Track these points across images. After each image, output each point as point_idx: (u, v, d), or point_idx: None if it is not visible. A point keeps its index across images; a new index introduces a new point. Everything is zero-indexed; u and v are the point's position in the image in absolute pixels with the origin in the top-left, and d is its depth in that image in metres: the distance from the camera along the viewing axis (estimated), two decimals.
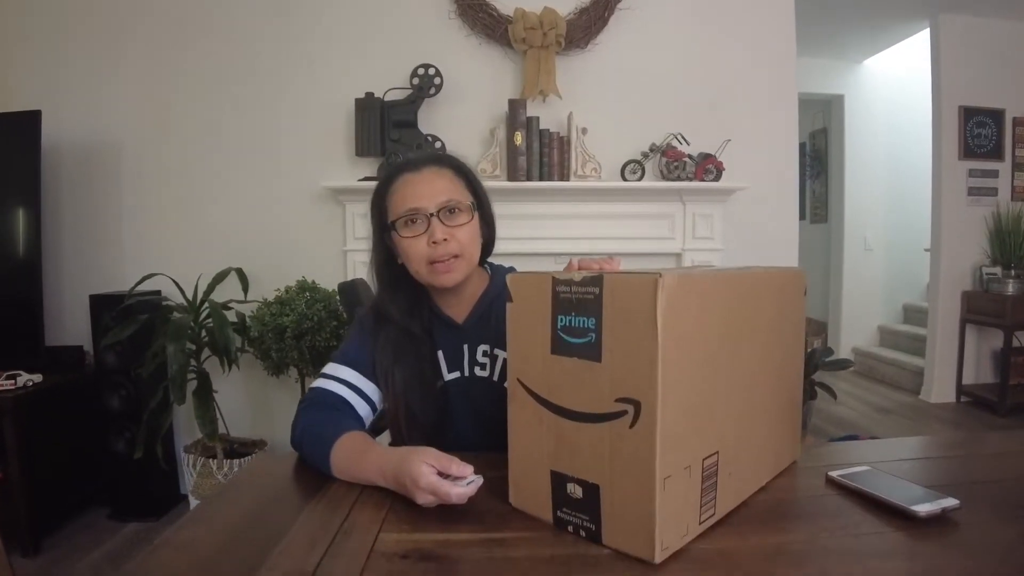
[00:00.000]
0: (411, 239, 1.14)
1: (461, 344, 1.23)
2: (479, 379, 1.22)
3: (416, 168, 1.18)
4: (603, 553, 0.71)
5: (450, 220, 1.14)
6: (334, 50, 2.88)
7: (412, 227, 1.14)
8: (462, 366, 1.23)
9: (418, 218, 1.13)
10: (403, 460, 0.87)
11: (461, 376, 1.23)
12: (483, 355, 1.22)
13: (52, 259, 2.84)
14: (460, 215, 1.16)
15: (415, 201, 1.14)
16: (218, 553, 0.75)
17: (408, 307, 1.22)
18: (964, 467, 1.03)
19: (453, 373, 1.23)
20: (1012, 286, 4.09)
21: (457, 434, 1.20)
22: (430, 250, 1.13)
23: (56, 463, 2.59)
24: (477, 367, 1.23)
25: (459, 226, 1.15)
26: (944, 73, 4.30)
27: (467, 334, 1.23)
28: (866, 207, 5.48)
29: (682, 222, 2.89)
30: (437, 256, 1.13)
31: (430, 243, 1.12)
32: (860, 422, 4.08)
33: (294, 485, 0.98)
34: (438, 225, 1.13)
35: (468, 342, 1.23)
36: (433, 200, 1.13)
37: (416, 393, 1.16)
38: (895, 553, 0.71)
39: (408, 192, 1.15)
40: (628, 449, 0.68)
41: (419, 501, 0.83)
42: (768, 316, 0.87)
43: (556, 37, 2.77)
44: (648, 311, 0.64)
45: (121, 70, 2.88)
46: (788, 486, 0.92)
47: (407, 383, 1.17)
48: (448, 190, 1.16)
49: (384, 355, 1.18)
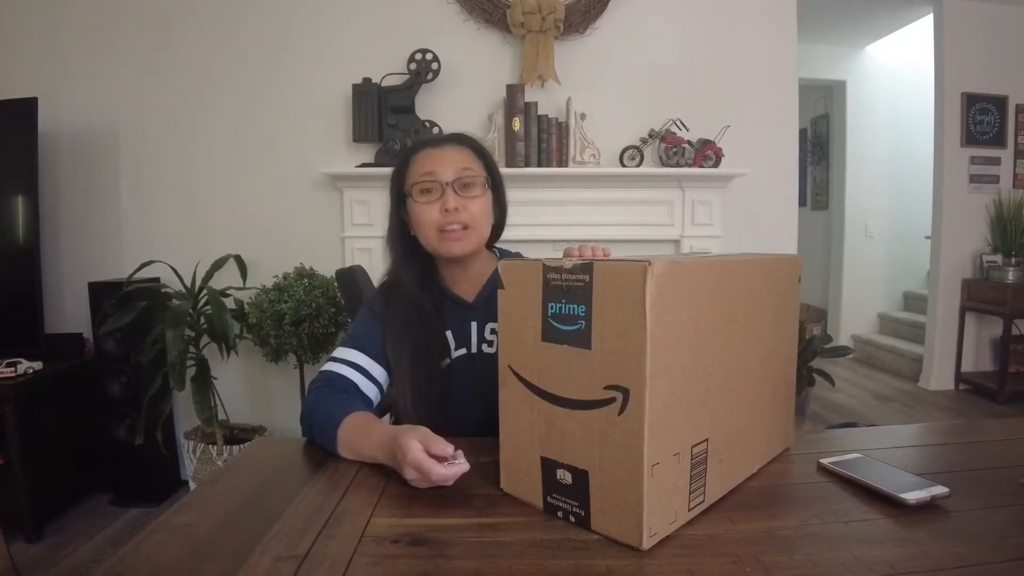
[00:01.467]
0: (424, 204, 1.17)
1: (470, 322, 1.25)
2: (486, 355, 1.24)
3: (437, 144, 1.23)
4: (592, 538, 0.72)
5: (464, 192, 1.18)
6: (332, 36, 2.87)
7: (427, 195, 1.17)
8: (469, 343, 1.25)
9: (433, 186, 1.17)
10: (398, 434, 0.88)
11: (468, 352, 1.25)
12: (491, 332, 1.25)
13: (51, 247, 2.84)
14: (474, 188, 1.19)
15: (432, 168, 1.18)
16: (212, 537, 0.75)
17: (419, 280, 1.24)
18: (956, 455, 1.03)
19: (460, 350, 1.25)
20: (1012, 274, 4.08)
21: (461, 412, 1.21)
22: (441, 217, 1.16)
23: (57, 450, 2.60)
24: (485, 344, 1.25)
25: (472, 198, 1.18)
26: (947, 59, 4.26)
27: (476, 312, 1.25)
28: (867, 194, 5.47)
29: (681, 208, 2.89)
30: (447, 223, 1.16)
31: (443, 211, 1.16)
32: (859, 409, 4.09)
33: (289, 470, 0.99)
34: (452, 194, 1.16)
35: (477, 320, 1.25)
36: (450, 169, 1.17)
37: (422, 369, 1.18)
38: (883, 540, 0.71)
39: (427, 162, 1.19)
40: (617, 436, 0.68)
41: (406, 476, 0.85)
42: (761, 303, 0.87)
43: (555, 22, 2.76)
44: (637, 299, 0.64)
45: (118, 57, 2.87)
46: (780, 472, 0.92)
47: (414, 359, 1.18)
48: (466, 163, 1.20)
49: (393, 331, 1.19)
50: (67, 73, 2.86)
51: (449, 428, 1.00)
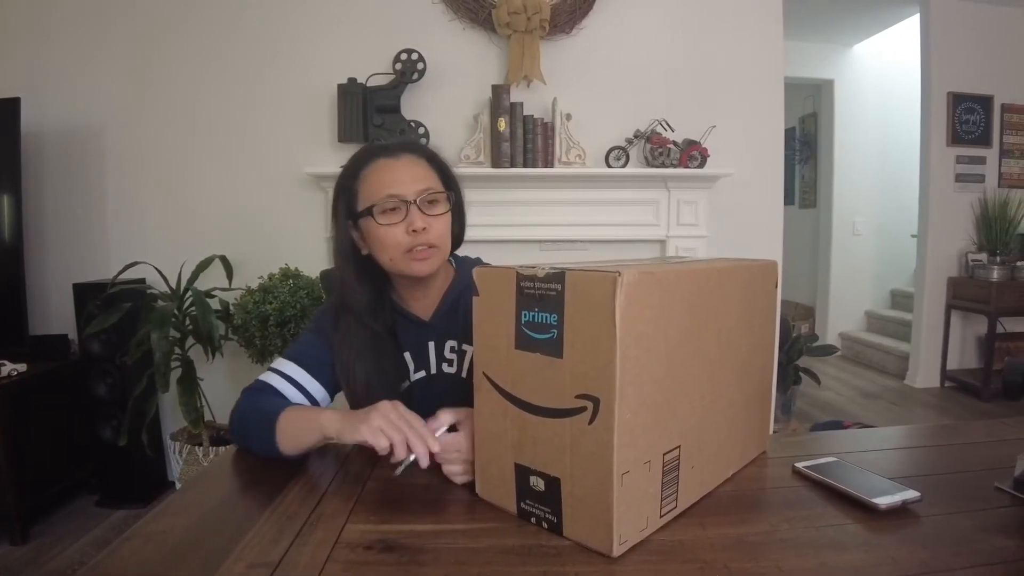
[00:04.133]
0: (388, 227, 1.09)
1: (427, 342, 1.20)
2: (445, 375, 1.20)
3: (393, 154, 1.14)
4: (564, 544, 0.72)
5: (429, 209, 1.11)
6: (316, 35, 2.86)
7: (391, 215, 1.09)
8: (428, 364, 1.21)
9: (397, 205, 1.09)
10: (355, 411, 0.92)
11: (427, 375, 1.21)
12: (451, 351, 1.20)
13: (35, 248, 2.83)
14: (438, 205, 1.13)
15: (395, 187, 1.09)
16: (186, 543, 0.75)
17: (370, 304, 1.17)
18: (932, 458, 1.04)
19: (419, 373, 1.21)
20: (997, 272, 4.12)
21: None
22: (409, 238, 1.09)
23: (43, 451, 2.59)
24: (444, 363, 1.20)
25: (436, 216, 1.12)
26: (934, 59, 4.30)
27: (434, 331, 1.20)
28: (855, 192, 5.50)
29: (667, 208, 2.89)
30: (415, 244, 1.09)
31: (409, 231, 1.09)
32: (846, 407, 4.11)
33: (266, 476, 0.98)
34: (417, 213, 1.09)
35: (435, 339, 1.20)
36: (412, 187, 1.10)
37: (377, 396, 1.05)
38: (851, 545, 0.72)
39: (387, 178, 1.11)
40: (587, 444, 0.68)
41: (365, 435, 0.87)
42: (735, 310, 0.87)
43: (540, 22, 2.75)
44: (607, 309, 0.65)
45: (102, 56, 2.84)
46: (754, 477, 0.93)
47: (368, 383, 1.13)
48: (426, 178, 1.13)
49: (346, 356, 1.14)
50: (52, 72, 2.84)
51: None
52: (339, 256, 1.18)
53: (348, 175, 1.16)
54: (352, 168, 1.16)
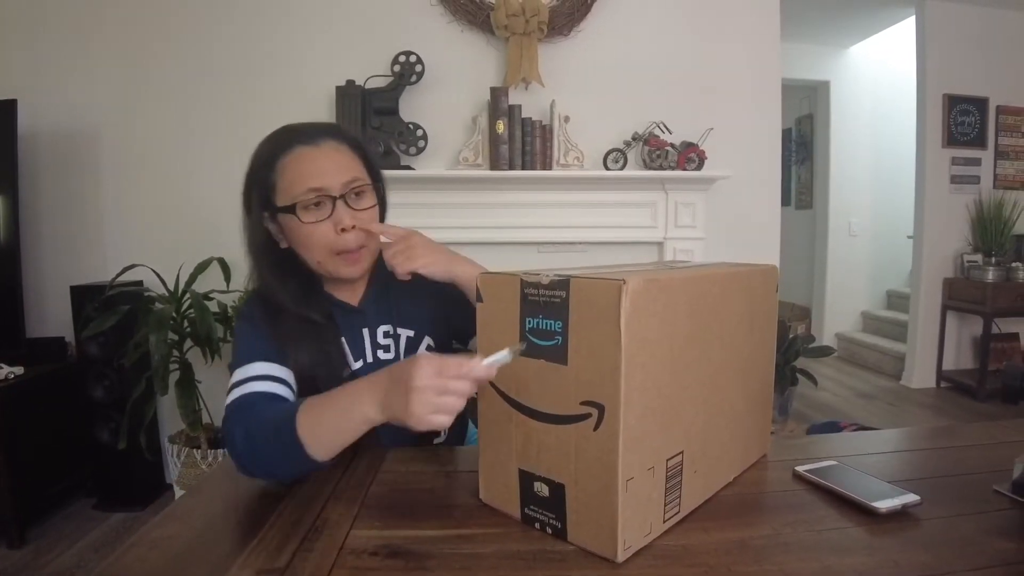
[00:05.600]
0: (313, 225, 1.00)
1: (360, 328, 1.13)
2: (384, 363, 1.13)
3: (312, 140, 1.03)
4: (568, 550, 0.72)
5: (356, 203, 1.03)
6: (314, 37, 2.86)
7: (315, 211, 1.00)
8: (365, 353, 1.14)
9: (322, 200, 1.00)
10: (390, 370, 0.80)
11: (365, 364, 1.13)
12: (384, 336, 1.14)
13: (31, 250, 2.82)
14: (365, 198, 1.05)
15: (318, 180, 0.99)
16: (192, 550, 0.76)
17: (302, 293, 1.07)
18: (931, 461, 1.05)
19: (358, 362, 1.13)
20: (992, 273, 4.15)
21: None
22: (337, 239, 1.01)
23: (40, 454, 2.58)
24: (380, 350, 1.14)
25: (365, 210, 1.04)
26: (929, 61, 4.32)
27: (365, 317, 1.14)
28: (851, 193, 5.52)
29: (664, 210, 2.90)
30: (345, 246, 1.02)
31: (337, 230, 1.00)
32: (842, 407, 4.13)
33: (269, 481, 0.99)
34: (344, 210, 1.01)
35: (367, 325, 1.13)
36: (337, 179, 1.01)
37: (325, 383, 1.00)
38: (853, 549, 0.72)
39: (307, 169, 1.00)
40: (592, 451, 0.69)
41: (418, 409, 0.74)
42: (737, 314, 0.88)
43: (538, 24, 2.76)
44: (612, 316, 0.65)
45: (99, 58, 2.84)
46: (755, 481, 0.94)
47: (313, 372, 1.04)
48: (351, 168, 1.04)
49: (281, 343, 1.03)
50: (48, 74, 2.83)
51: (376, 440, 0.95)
52: (254, 253, 1.07)
53: (262, 163, 1.04)
54: (266, 156, 1.04)
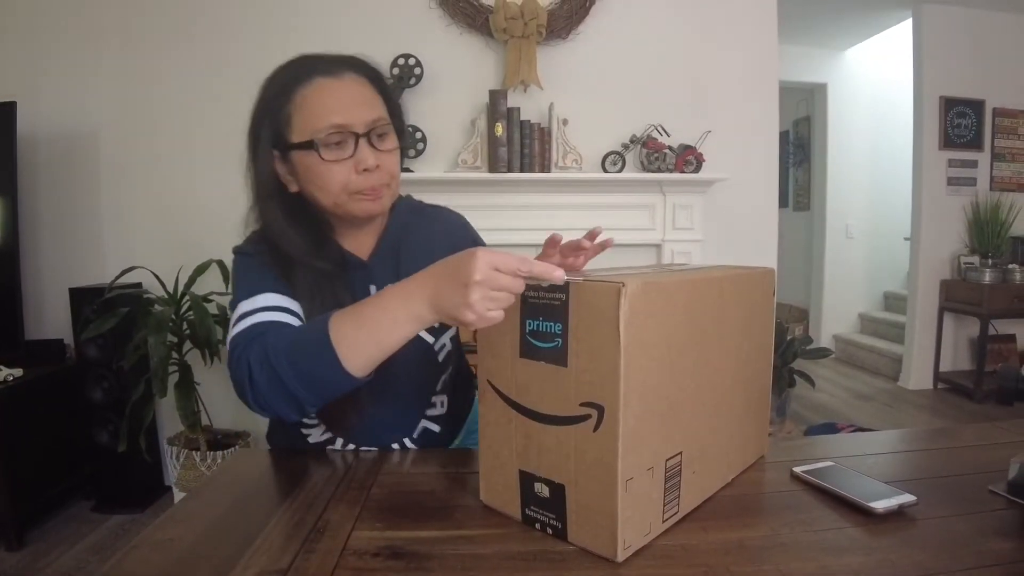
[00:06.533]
0: (334, 164, 0.93)
1: (367, 284, 1.06)
2: None
3: (333, 72, 0.95)
4: (569, 550, 0.73)
5: (379, 144, 0.96)
6: (313, 40, 2.80)
7: (336, 149, 0.93)
8: None
9: (344, 139, 0.93)
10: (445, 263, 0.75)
11: None
12: None
13: (30, 252, 2.82)
14: (388, 139, 0.98)
15: (341, 115, 0.92)
16: (195, 552, 0.76)
17: (314, 242, 1.00)
18: (927, 461, 1.05)
19: None
20: (989, 275, 4.16)
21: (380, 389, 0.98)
22: (358, 179, 0.94)
23: (39, 456, 2.58)
24: None
25: (388, 152, 0.97)
26: (926, 63, 4.34)
27: (373, 272, 1.06)
28: (848, 195, 5.54)
29: (662, 213, 2.92)
30: (367, 186, 0.95)
31: (359, 170, 0.94)
32: (840, 408, 4.14)
33: (271, 481, 0.99)
34: (368, 150, 0.94)
35: (374, 281, 1.06)
36: (361, 116, 0.93)
37: None
38: (850, 549, 0.73)
39: (329, 103, 0.93)
40: (592, 452, 0.69)
41: (475, 298, 0.70)
42: (734, 317, 0.88)
43: (537, 27, 2.77)
44: (611, 319, 0.66)
45: (98, 60, 2.84)
46: (753, 481, 0.94)
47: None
48: (374, 105, 0.97)
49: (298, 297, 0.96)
50: (47, 76, 2.83)
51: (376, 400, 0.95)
52: (262, 197, 0.99)
53: (276, 95, 0.96)
54: (283, 85, 0.96)
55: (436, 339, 1.12)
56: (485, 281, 0.70)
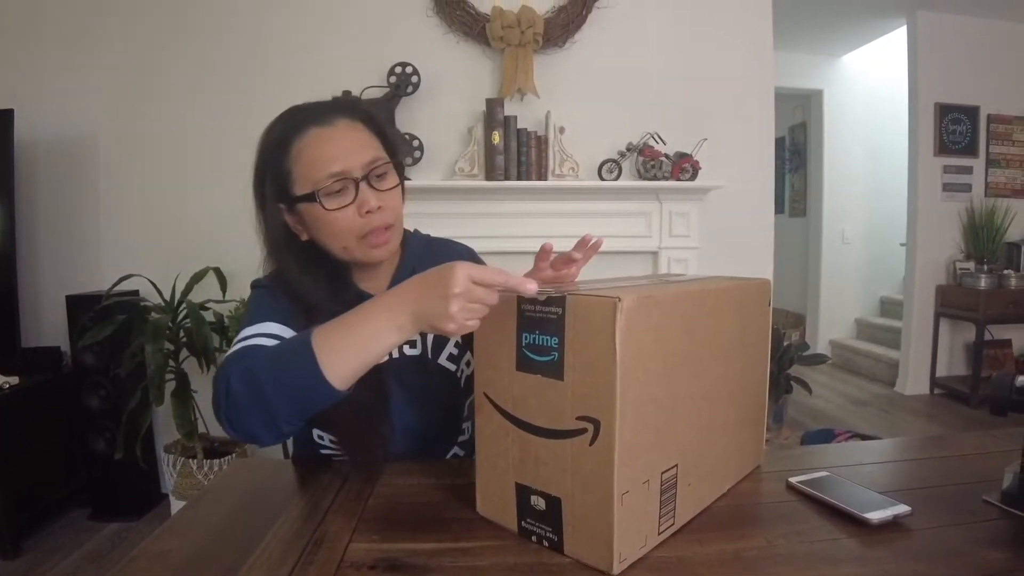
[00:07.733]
0: (338, 212, 0.95)
1: None
2: (409, 358, 1.10)
3: (326, 120, 0.97)
4: (565, 562, 0.73)
5: (379, 184, 0.98)
6: (311, 48, 2.87)
7: (338, 197, 0.95)
8: None
9: (345, 185, 0.95)
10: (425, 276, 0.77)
11: (391, 358, 1.08)
12: None
13: (27, 259, 2.82)
14: (388, 178, 1.00)
15: (338, 163, 0.94)
16: (193, 563, 0.76)
17: (330, 286, 1.02)
18: (921, 471, 1.06)
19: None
20: (984, 280, 4.18)
21: (396, 419, 1.05)
22: (364, 221, 0.96)
23: (35, 464, 2.58)
24: (407, 345, 1.10)
25: (388, 191, 0.99)
26: (921, 70, 4.36)
27: None
28: (844, 201, 5.56)
29: (659, 220, 2.93)
30: (373, 227, 0.97)
31: (363, 213, 0.96)
32: (836, 414, 4.15)
33: (269, 492, 0.99)
34: (368, 191, 0.96)
35: None
36: (357, 160, 0.95)
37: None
38: (846, 559, 0.73)
39: (326, 152, 0.95)
40: (588, 465, 0.70)
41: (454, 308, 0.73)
42: (730, 329, 0.89)
43: (534, 35, 2.78)
44: (607, 333, 0.66)
45: (95, 67, 2.85)
46: (749, 492, 0.95)
47: None
48: (369, 146, 0.99)
49: None
50: (44, 83, 2.84)
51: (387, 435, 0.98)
52: (276, 249, 1.02)
53: (274, 151, 0.99)
54: (278, 141, 0.99)
55: (456, 366, 1.14)
56: (464, 293, 0.73)
